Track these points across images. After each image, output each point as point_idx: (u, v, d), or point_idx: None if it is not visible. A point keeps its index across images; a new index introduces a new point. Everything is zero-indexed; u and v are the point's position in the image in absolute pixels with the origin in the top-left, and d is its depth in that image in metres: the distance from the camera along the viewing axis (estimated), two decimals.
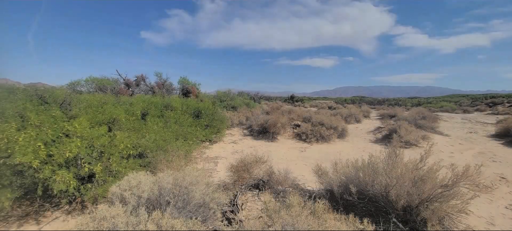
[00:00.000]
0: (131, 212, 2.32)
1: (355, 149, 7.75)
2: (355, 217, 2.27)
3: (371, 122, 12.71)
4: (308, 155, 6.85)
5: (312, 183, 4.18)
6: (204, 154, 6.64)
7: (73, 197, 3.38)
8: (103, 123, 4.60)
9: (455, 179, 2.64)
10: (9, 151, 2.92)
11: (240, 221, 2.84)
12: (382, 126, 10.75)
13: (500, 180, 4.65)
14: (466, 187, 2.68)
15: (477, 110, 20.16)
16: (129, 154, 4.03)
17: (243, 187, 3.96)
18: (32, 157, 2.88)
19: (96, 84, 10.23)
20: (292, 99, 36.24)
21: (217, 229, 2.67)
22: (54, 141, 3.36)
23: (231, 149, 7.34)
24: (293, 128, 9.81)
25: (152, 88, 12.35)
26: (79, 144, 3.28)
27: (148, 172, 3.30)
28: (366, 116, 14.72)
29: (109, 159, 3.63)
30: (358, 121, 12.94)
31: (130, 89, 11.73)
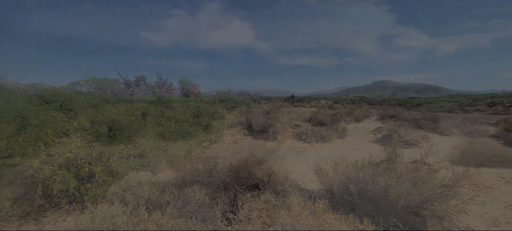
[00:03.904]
0: (131, 212, 2.32)
1: (355, 149, 7.75)
2: (355, 217, 2.27)
3: (371, 122, 12.70)
4: (308, 155, 6.85)
5: (312, 183, 4.18)
6: (204, 154, 6.63)
7: (73, 197, 3.38)
8: (103, 123, 4.60)
9: (455, 179, 2.64)
10: (9, 151, 2.93)
11: (240, 221, 2.84)
12: (382, 126, 10.74)
13: (500, 180, 4.65)
14: (466, 187, 2.68)
15: (477, 110, 20.13)
16: (129, 154, 4.04)
17: (243, 187, 3.95)
18: (32, 157, 2.89)
19: (96, 84, 10.23)
20: (292, 99, 36.22)
21: (217, 229, 2.67)
22: (54, 141, 3.36)
23: (231, 149, 7.34)
24: (293, 128, 9.81)
25: (152, 88, 12.35)
26: (79, 144, 3.29)
27: (148, 172, 3.30)
28: (366, 116, 14.70)
29: (109, 159, 3.63)
30: (358, 121, 12.92)
31: (130, 89, 11.72)
